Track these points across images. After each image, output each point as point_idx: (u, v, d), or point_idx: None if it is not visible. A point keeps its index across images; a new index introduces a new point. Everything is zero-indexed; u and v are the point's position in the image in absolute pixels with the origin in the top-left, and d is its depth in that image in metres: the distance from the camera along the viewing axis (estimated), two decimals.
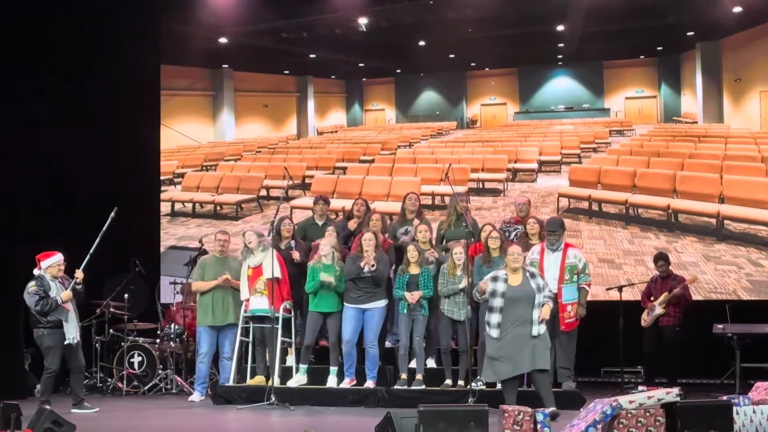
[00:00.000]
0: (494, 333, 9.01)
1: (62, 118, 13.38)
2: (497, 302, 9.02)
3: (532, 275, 9.10)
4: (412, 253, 10.31)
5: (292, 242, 11.04)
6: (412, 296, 10.18)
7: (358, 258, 10.33)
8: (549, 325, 10.01)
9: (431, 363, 10.66)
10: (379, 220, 10.85)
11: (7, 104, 12.59)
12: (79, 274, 10.34)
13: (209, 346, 11.06)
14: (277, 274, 10.54)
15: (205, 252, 12.42)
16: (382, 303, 10.44)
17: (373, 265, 10.21)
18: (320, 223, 11.40)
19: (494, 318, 9.03)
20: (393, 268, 10.77)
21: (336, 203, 13.56)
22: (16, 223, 12.18)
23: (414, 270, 10.31)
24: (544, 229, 10.53)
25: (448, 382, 10.31)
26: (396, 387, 10.24)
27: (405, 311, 10.30)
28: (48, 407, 8.77)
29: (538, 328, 8.95)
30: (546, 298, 9.03)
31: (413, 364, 10.40)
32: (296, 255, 10.89)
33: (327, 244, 10.54)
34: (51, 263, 10.28)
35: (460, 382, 10.18)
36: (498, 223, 12.03)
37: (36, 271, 10.26)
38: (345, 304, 10.47)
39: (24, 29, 12.95)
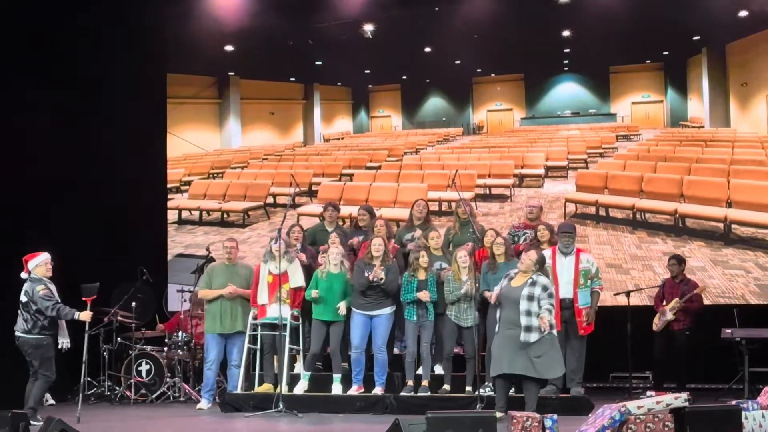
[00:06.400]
0: (496, 328, 9.31)
1: (69, 126, 13.43)
2: (499, 298, 9.31)
3: (534, 283, 9.05)
4: (424, 258, 10.30)
5: (298, 245, 11.06)
6: (425, 294, 10.17)
7: (367, 266, 10.32)
8: (562, 331, 10.06)
9: (439, 369, 10.65)
10: (383, 225, 10.83)
11: (13, 114, 12.64)
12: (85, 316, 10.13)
13: (217, 354, 11.06)
14: (302, 283, 10.60)
15: (212, 260, 12.44)
16: (389, 309, 10.43)
17: (381, 278, 10.21)
18: (329, 229, 11.41)
19: (497, 314, 9.34)
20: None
21: (343, 210, 13.56)
22: (21, 232, 12.19)
23: (422, 276, 10.30)
24: (556, 232, 10.53)
25: (446, 387, 10.29)
26: (403, 393, 10.23)
27: (414, 318, 10.30)
28: (56, 418, 8.78)
29: (527, 335, 8.94)
30: (543, 309, 8.95)
31: (421, 371, 10.40)
32: (303, 257, 10.92)
33: (337, 253, 10.54)
34: (38, 262, 10.20)
35: (468, 388, 10.18)
36: (506, 228, 12.03)
37: (24, 275, 10.15)
38: (353, 309, 10.48)
39: (30, 39, 13.00)
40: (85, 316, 10.01)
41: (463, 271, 10.10)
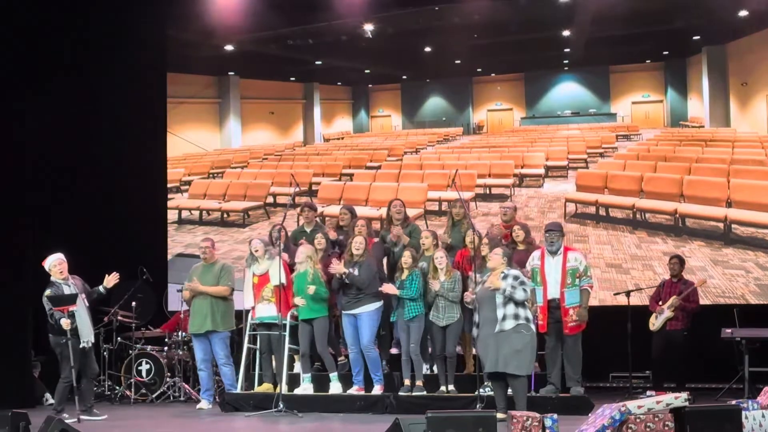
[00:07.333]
0: (474, 332, 9.35)
1: (69, 126, 13.42)
2: (477, 301, 9.31)
3: (506, 276, 9.02)
4: (406, 258, 10.30)
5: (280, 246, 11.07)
6: (388, 287, 10.25)
7: (346, 264, 10.33)
8: (553, 331, 10.04)
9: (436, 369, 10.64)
10: (364, 225, 10.80)
11: (13, 113, 12.63)
12: (111, 280, 10.49)
13: (201, 353, 11.10)
14: (283, 280, 10.58)
15: None
16: (373, 306, 10.35)
17: (343, 273, 10.19)
18: (309, 230, 11.42)
19: (475, 317, 9.35)
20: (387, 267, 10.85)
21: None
22: (24, 232, 12.19)
23: (404, 276, 10.30)
24: (544, 230, 10.56)
25: (443, 389, 10.27)
26: (401, 393, 10.21)
27: (394, 318, 10.37)
28: (60, 416, 8.81)
29: (502, 324, 8.89)
30: (510, 287, 8.92)
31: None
32: (285, 256, 10.90)
33: (302, 252, 10.56)
34: (49, 264, 10.31)
35: (452, 387, 10.20)
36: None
37: (53, 278, 10.31)
38: (342, 311, 10.50)
39: (30, 39, 12.99)
40: (65, 324, 10.08)
41: (441, 271, 10.11)
